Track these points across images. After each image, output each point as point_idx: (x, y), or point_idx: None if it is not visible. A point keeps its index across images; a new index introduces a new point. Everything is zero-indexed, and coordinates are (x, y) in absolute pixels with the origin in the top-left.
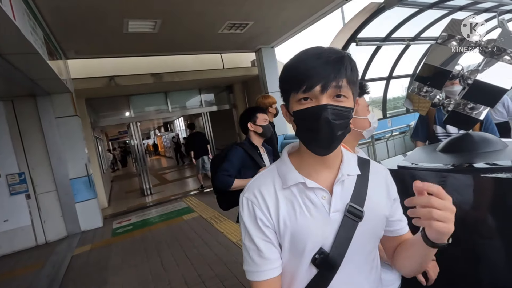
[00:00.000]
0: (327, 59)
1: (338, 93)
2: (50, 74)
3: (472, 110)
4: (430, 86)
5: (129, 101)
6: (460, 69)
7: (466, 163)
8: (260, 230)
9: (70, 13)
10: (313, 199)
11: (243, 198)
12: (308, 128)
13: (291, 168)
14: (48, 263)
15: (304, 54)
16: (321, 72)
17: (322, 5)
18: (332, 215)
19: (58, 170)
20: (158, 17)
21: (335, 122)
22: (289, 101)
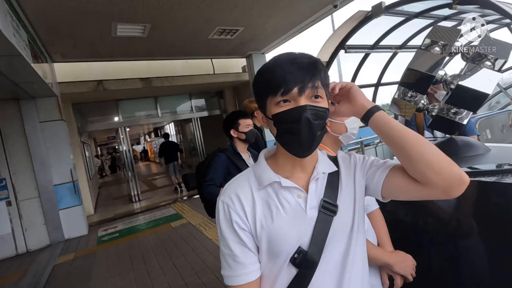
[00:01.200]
0: (301, 64)
1: (316, 94)
2: (34, 77)
3: (455, 114)
4: (414, 91)
5: (117, 106)
6: (443, 74)
7: None
8: (236, 234)
9: (56, 15)
10: (289, 198)
11: (219, 202)
12: (289, 129)
13: (266, 168)
14: (28, 272)
15: (278, 59)
16: (297, 75)
17: (310, 12)
18: (309, 213)
19: (41, 175)
20: (147, 21)
21: (315, 122)
22: (266, 105)
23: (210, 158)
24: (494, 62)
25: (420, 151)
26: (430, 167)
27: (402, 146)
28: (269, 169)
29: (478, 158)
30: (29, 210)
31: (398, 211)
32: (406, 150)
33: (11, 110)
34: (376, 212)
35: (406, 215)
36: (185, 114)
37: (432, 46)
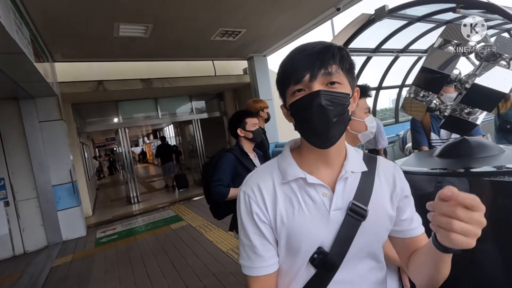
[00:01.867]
0: (311, 51)
1: (331, 80)
2: (35, 76)
3: (468, 115)
4: (427, 90)
5: (117, 106)
6: (457, 73)
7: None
8: (256, 226)
9: (59, 14)
10: (313, 196)
11: (241, 192)
12: (304, 118)
13: (292, 162)
14: (25, 274)
15: (291, 51)
16: (307, 62)
17: (314, 15)
18: (332, 214)
19: (39, 176)
20: (150, 21)
21: (329, 107)
22: (286, 98)
23: (218, 158)
24: (509, 62)
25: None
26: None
27: (437, 279)
28: (294, 163)
29: (492, 159)
30: (27, 210)
31: None
32: (436, 280)
33: (11, 110)
34: None
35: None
36: (185, 116)
37: (445, 45)
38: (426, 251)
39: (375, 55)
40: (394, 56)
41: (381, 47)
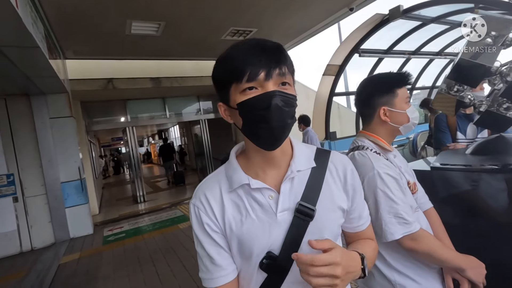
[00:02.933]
0: (265, 47)
1: (283, 81)
2: (48, 72)
3: (507, 110)
4: (464, 83)
5: (125, 105)
6: (498, 65)
7: (500, 164)
8: (209, 236)
9: (73, 10)
10: (259, 200)
11: (190, 205)
12: (257, 118)
13: (237, 168)
14: (32, 271)
15: (239, 45)
16: (263, 59)
17: (326, 15)
18: (279, 216)
19: (49, 172)
20: (162, 19)
21: (285, 109)
22: (229, 95)
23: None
24: None
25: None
26: None
27: None
28: (240, 169)
29: None
30: (35, 207)
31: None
32: None
33: (22, 106)
34: (431, 210)
35: (454, 217)
36: (192, 116)
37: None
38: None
39: (386, 56)
40: (406, 58)
41: (393, 49)
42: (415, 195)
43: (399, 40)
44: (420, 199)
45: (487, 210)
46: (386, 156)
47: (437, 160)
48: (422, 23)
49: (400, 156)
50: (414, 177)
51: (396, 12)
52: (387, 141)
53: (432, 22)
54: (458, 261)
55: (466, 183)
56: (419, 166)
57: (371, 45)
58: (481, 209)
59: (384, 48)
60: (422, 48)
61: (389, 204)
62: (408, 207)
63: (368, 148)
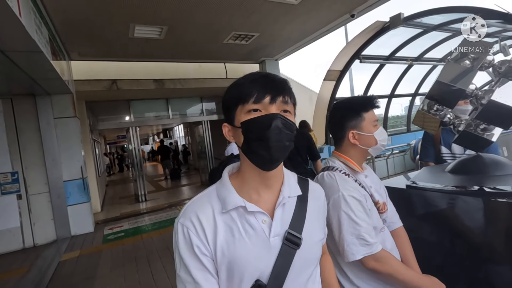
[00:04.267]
0: (274, 78)
1: (285, 108)
2: (52, 74)
3: (484, 131)
4: (441, 104)
5: (129, 105)
6: (473, 88)
7: (477, 186)
8: (197, 259)
9: (78, 14)
10: (253, 223)
11: (178, 224)
12: (258, 137)
13: (231, 190)
14: (33, 268)
15: (250, 75)
16: (270, 86)
17: (327, 21)
18: (272, 241)
19: (52, 171)
20: (165, 23)
21: (285, 131)
22: (234, 116)
23: (224, 165)
24: None
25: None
26: None
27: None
28: (234, 191)
29: (507, 178)
30: (38, 204)
31: (420, 229)
32: None
33: (27, 106)
34: (400, 230)
35: (430, 234)
36: (195, 117)
37: (461, 58)
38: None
39: (388, 62)
40: (408, 64)
41: (395, 55)
42: (384, 215)
43: (401, 46)
44: (390, 218)
45: (462, 229)
46: (355, 177)
47: (415, 178)
48: (424, 31)
49: (373, 176)
50: (384, 197)
51: (397, 20)
52: (358, 162)
53: (434, 30)
54: (419, 282)
55: (442, 203)
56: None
57: (373, 51)
58: (457, 228)
59: (386, 54)
60: (425, 55)
61: (352, 225)
62: (371, 228)
63: (337, 169)
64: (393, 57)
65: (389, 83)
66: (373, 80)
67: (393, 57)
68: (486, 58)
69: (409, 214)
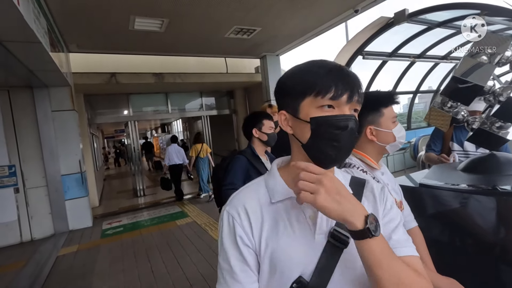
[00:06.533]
0: (349, 73)
1: (356, 107)
2: (50, 66)
3: (499, 129)
4: (456, 101)
5: (128, 99)
6: (491, 85)
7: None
8: (238, 249)
9: (77, 4)
10: (299, 217)
11: (224, 212)
12: (331, 136)
13: (280, 181)
14: (31, 262)
15: (320, 63)
16: (347, 82)
17: (331, 16)
18: (317, 238)
19: (50, 165)
20: (166, 16)
21: (355, 134)
22: (299, 106)
23: (229, 161)
24: None
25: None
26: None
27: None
28: (283, 182)
29: None
30: (36, 198)
31: (432, 228)
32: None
33: (25, 98)
34: (415, 229)
35: (442, 233)
36: (194, 112)
37: (478, 54)
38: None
39: (391, 59)
40: (410, 61)
41: (398, 52)
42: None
43: (404, 43)
44: (405, 217)
45: (475, 229)
46: (373, 175)
47: (427, 176)
48: (428, 27)
49: (389, 174)
50: (400, 195)
51: (401, 16)
52: (375, 158)
53: (438, 27)
54: (438, 283)
55: (454, 202)
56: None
57: (376, 47)
58: (469, 228)
59: (389, 51)
60: (428, 52)
61: None
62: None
63: (355, 166)
64: (396, 53)
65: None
66: (375, 77)
67: (396, 53)
68: (504, 54)
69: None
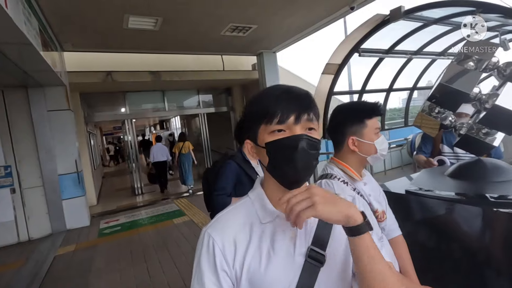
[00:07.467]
0: (297, 94)
1: (310, 126)
2: (43, 66)
3: (486, 135)
4: (443, 107)
5: (125, 97)
6: (477, 91)
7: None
8: (215, 274)
9: (68, 4)
10: (282, 240)
11: (205, 234)
12: (284, 159)
13: (267, 203)
14: (29, 261)
15: (272, 89)
16: (294, 104)
17: (327, 13)
18: (296, 259)
19: (46, 165)
20: (160, 14)
21: (311, 151)
22: (257, 134)
23: (220, 166)
24: None
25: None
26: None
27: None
28: (269, 202)
29: (508, 184)
30: (32, 198)
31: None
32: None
33: (20, 98)
34: (399, 238)
35: (429, 239)
36: (192, 109)
37: (465, 60)
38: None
39: (387, 56)
40: (407, 58)
41: (394, 49)
42: (383, 223)
43: (401, 40)
44: (389, 226)
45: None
46: (354, 186)
47: (415, 182)
48: (424, 24)
49: (372, 182)
50: (383, 204)
51: (397, 13)
52: (357, 169)
53: (435, 24)
54: None
55: (440, 209)
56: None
57: (372, 44)
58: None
59: (385, 48)
60: (425, 48)
61: None
62: None
63: (336, 177)
64: (392, 50)
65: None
66: (371, 74)
67: (392, 50)
68: (490, 60)
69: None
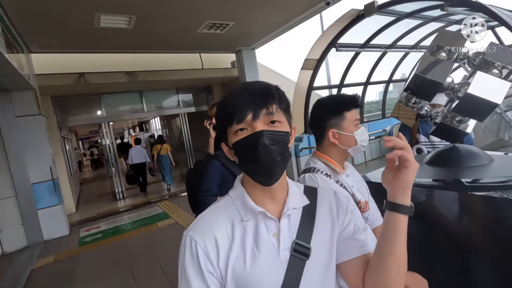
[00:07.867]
0: (252, 91)
1: (272, 119)
2: (8, 69)
3: (459, 123)
4: (419, 97)
5: (100, 99)
6: (450, 81)
7: (453, 179)
8: (202, 278)
9: (33, 2)
10: (265, 236)
11: (187, 236)
12: (248, 157)
13: (248, 200)
14: (5, 277)
15: (232, 90)
16: (249, 102)
17: (303, 9)
18: (281, 254)
19: (17, 173)
20: (133, 12)
21: (273, 147)
22: (227, 136)
23: (203, 166)
24: (501, 70)
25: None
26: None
27: (390, 256)
28: (250, 200)
29: (482, 169)
30: (5, 210)
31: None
32: (388, 260)
33: None
34: None
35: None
36: (172, 110)
37: (437, 51)
38: (382, 232)
39: (363, 50)
40: (382, 52)
41: (370, 43)
42: (366, 213)
43: (376, 34)
44: (372, 215)
45: (440, 220)
46: (337, 178)
47: None
48: (397, 18)
49: (355, 174)
50: (366, 195)
51: (371, 8)
52: (339, 161)
53: (406, 18)
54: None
55: (420, 195)
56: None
57: (349, 39)
58: (435, 220)
59: (361, 42)
60: (398, 42)
61: None
62: None
63: (319, 170)
64: (368, 45)
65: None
66: (349, 68)
67: (368, 45)
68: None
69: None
